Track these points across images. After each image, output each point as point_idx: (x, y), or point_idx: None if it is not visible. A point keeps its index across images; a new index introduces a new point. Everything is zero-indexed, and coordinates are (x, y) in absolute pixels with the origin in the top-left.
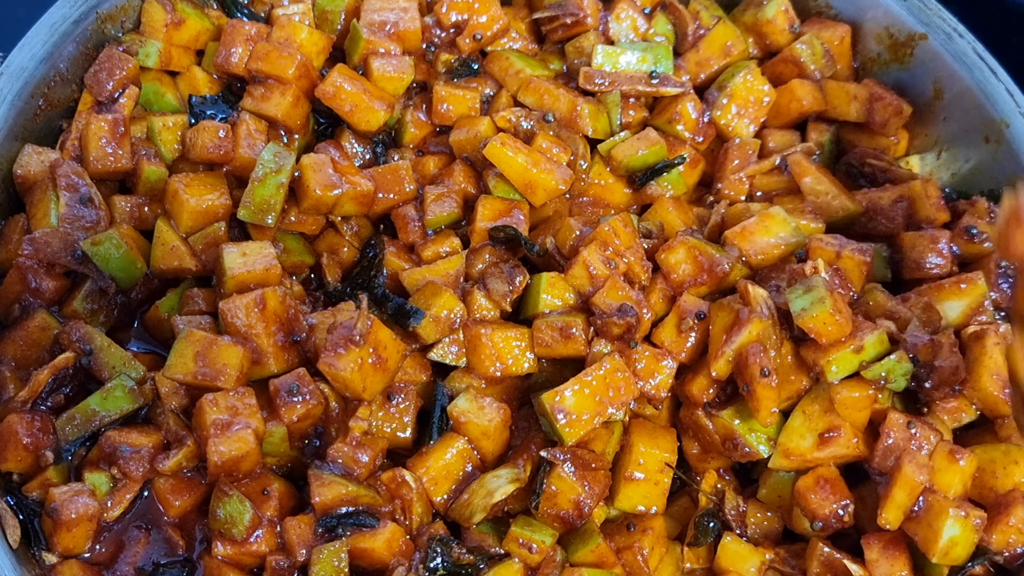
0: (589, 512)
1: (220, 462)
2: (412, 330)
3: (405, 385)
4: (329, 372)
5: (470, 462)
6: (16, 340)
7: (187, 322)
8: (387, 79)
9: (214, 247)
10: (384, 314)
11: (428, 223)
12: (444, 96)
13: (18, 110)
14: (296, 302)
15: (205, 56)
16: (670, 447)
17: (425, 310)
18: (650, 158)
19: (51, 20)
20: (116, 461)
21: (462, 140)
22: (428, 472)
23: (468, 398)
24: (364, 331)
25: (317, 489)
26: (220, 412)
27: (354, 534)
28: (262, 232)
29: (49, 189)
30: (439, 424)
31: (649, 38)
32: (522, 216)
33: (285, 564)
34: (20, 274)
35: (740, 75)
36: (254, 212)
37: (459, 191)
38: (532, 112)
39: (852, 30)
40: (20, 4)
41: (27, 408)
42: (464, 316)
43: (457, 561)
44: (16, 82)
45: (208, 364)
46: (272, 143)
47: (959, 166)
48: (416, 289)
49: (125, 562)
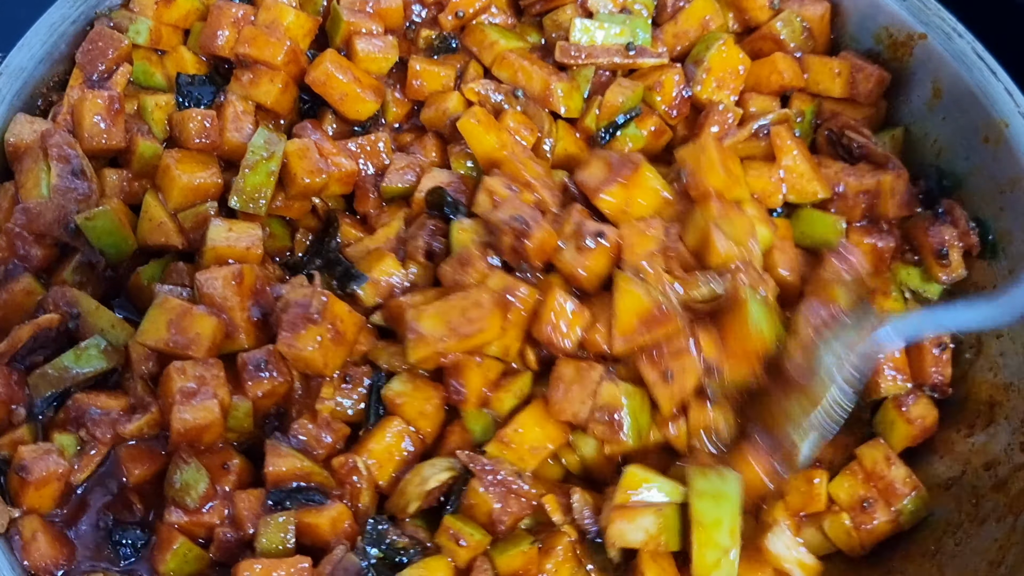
0: (504, 529)
1: (183, 430)
2: (353, 293)
3: (357, 367)
4: (289, 352)
5: (411, 442)
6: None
7: (167, 291)
8: (371, 60)
9: (202, 227)
10: (332, 279)
11: (383, 191)
12: (418, 71)
13: (17, 110)
14: (274, 282)
15: (191, 36)
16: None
17: (367, 274)
18: (628, 104)
19: (51, 20)
20: (84, 423)
21: (431, 116)
22: (372, 455)
23: (402, 380)
24: (319, 308)
25: (272, 460)
26: (187, 380)
27: (301, 509)
28: (251, 219)
29: (40, 159)
30: (374, 408)
31: (628, 6)
32: (464, 188)
33: (232, 536)
34: (9, 240)
35: (714, 47)
36: (245, 200)
37: (428, 164)
38: (502, 85)
39: (831, 7)
40: (20, 4)
41: (3, 362)
42: (404, 281)
43: (392, 545)
44: (16, 82)
45: (181, 332)
46: (262, 128)
47: (958, 165)
48: (360, 258)
49: (86, 522)
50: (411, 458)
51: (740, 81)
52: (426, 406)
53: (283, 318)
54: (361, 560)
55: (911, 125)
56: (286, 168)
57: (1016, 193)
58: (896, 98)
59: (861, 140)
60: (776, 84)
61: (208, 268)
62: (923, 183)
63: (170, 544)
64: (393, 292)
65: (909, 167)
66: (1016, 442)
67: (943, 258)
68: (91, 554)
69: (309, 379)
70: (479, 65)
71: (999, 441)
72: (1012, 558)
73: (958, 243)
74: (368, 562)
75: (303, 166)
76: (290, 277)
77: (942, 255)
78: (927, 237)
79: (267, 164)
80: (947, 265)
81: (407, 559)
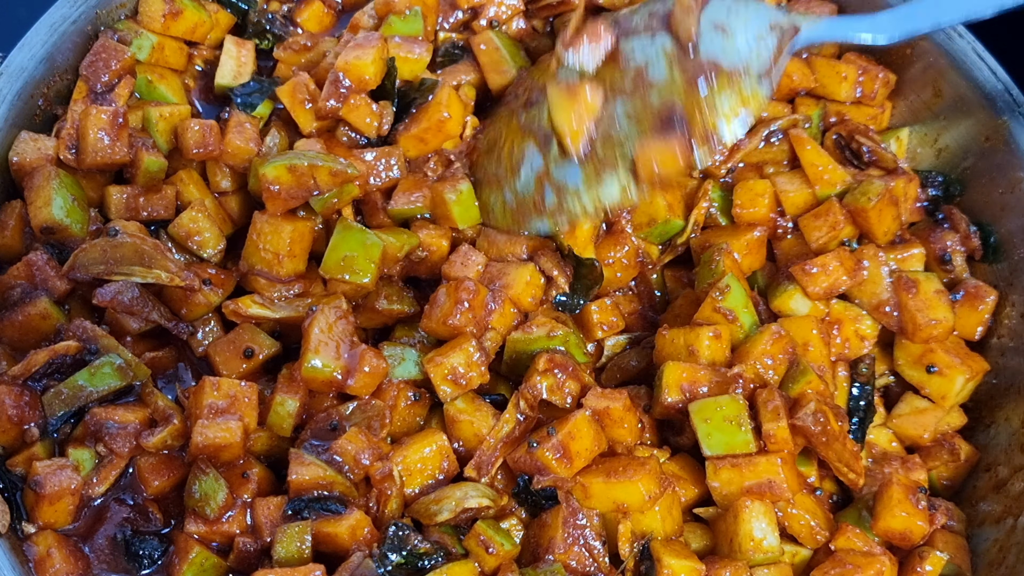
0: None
1: (202, 444)
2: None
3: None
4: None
5: (446, 461)
6: (14, 324)
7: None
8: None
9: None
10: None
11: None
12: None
13: (18, 110)
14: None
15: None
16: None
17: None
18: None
19: (51, 20)
20: (102, 437)
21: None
22: (404, 462)
23: (467, 399)
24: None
25: (296, 468)
26: (219, 398)
27: (320, 518)
28: None
29: (51, 178)
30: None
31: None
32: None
33: (252, 547)
34: (28, 270)
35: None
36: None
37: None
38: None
39: (838, 9)
40: (20, 4)
41: (17, 383)
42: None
43: (414, 551)
44: (16, 82)
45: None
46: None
47: (958, 164)
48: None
49: (103, 535)
50: (444, 479)
51: None
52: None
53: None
54: (379, 566)
55: (911, 126)
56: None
57: (1016, 194)
58: (896, 99)
59: (871, 145)
60: (786, 88)
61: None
62: (929, 191)
63: (187, 554)
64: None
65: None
66: (1016, 442)
67: (947, 263)
68: (108, 567)
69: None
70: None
71: (999, 441)
72: (1012, 558)
73: (960, 247)
74: (385, 568)
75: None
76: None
77: (945, 260)
78: (929, 243)
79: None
80: (951, 270)
81: (429, 564)
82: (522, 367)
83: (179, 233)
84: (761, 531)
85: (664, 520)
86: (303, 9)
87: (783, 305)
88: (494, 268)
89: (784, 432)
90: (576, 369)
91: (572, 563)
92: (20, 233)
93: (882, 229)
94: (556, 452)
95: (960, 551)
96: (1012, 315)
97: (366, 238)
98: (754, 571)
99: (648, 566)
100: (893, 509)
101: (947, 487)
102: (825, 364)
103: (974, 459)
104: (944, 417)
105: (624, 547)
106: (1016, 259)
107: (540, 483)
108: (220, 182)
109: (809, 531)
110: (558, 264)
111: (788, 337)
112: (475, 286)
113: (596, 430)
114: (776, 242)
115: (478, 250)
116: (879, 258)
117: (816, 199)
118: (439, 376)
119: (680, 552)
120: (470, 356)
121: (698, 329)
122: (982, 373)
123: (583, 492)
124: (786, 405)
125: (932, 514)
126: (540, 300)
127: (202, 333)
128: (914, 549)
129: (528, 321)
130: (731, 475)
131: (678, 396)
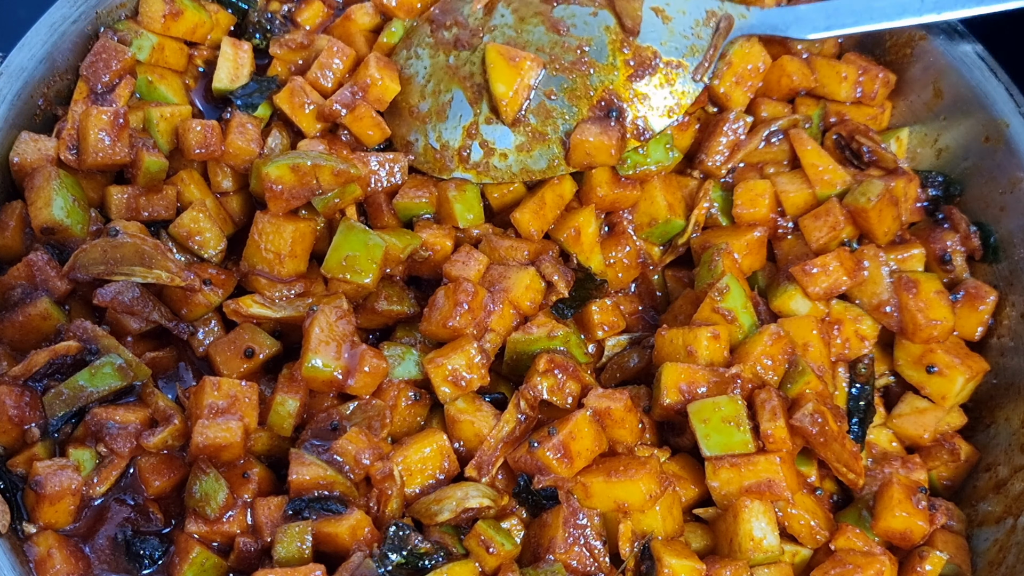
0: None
1: (202, 444)
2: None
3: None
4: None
5: (447, 461)
6: (14, 324)
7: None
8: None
9: None
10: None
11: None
12: None
13: (18, 110)
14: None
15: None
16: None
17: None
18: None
19: (51, 20)
20: (102, 438)
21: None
22: (405, 462)
23: (467, 400)
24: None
25: (296, 468)
26: (219, 398)
27: (320, 518)
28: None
29: (52, 178)
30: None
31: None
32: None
33: (252, 547)
34: (28, 270)
35: (738, 42)
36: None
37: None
38: None
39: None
40: (20, 4)
41: (18, 383)
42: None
43: (415, 550)
44: (16, 82)
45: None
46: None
47: (958, 164)
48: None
49: (104, 535)
50: (444, 479)
51: (759, 79)
52: (482, 428)
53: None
54: (379, 566)
55: (911, 126)
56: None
57: (1016, 194)
58: (896, 99)
59: (871, 145)
60: (787, 87)
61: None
62: (929, 191)
63: (187, 554)
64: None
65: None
66: (1016, 442)
67: (947, 263)
68: (109, 567)
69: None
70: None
71: (999, 441)
72: (1012, 558)
73: (960, 247)
74: (385, 568)
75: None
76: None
77: (945, 260)
78: (929, 244)
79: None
80: (951, 270)
81: (430, 564)
82: (523, 367)
83: (180, 233)
84: (761, 531)
85: (664, 520)
86: (303, 9)
87: (783, 305)
88: (495, 270)
89: (782, 432)
90: (576, 369)
91: (573, 563)
92: (21, 233)
93: (882, 229)
94: (557, 452)
95: (960, 551)
96: (1012, 315)
97: (368, 238)
98: (754, 571)
99: (648, 566)
100: (893, 509)
101: (947, 487)
102: (825, 364)
103: (974, 459)
104: (944, 417)
105: (625, 547)
106: (1016, 259)
107: (541, 483)
108: (221, 182)
109: (809, 531)
110: (559, 270)
111: (787, 337)
112: (473, 287)
113: (597, 430)
114: (776, 242)
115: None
116: (879, 258)
117: (816, 199)
118: (439, 377)
119: (680, 552)
120: (471, 358)
121: (697, 329)
122: (982, 373)
123: (584, 492)
124: (784, 405)
125: (932, 514)
126: (539, 304)
127: (203, 333)
128: (914, 549)
129: (528, 322)
130: (730, 475)
131: (677, 397)
